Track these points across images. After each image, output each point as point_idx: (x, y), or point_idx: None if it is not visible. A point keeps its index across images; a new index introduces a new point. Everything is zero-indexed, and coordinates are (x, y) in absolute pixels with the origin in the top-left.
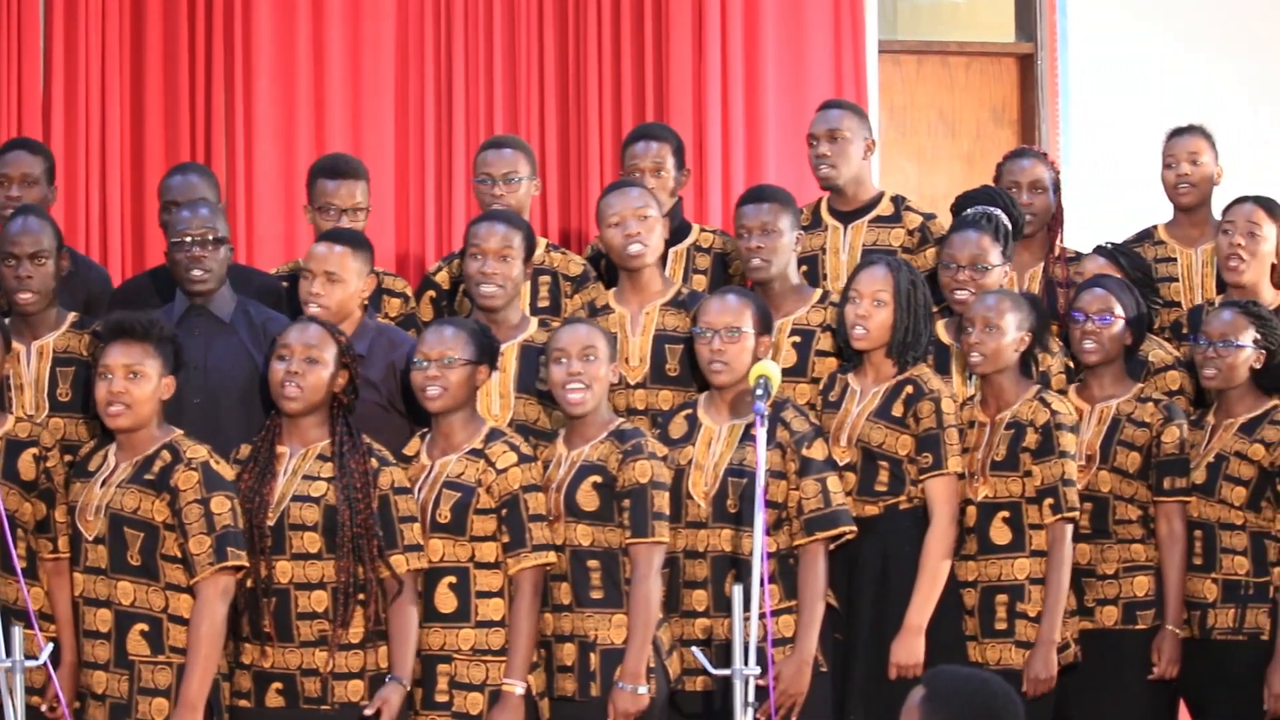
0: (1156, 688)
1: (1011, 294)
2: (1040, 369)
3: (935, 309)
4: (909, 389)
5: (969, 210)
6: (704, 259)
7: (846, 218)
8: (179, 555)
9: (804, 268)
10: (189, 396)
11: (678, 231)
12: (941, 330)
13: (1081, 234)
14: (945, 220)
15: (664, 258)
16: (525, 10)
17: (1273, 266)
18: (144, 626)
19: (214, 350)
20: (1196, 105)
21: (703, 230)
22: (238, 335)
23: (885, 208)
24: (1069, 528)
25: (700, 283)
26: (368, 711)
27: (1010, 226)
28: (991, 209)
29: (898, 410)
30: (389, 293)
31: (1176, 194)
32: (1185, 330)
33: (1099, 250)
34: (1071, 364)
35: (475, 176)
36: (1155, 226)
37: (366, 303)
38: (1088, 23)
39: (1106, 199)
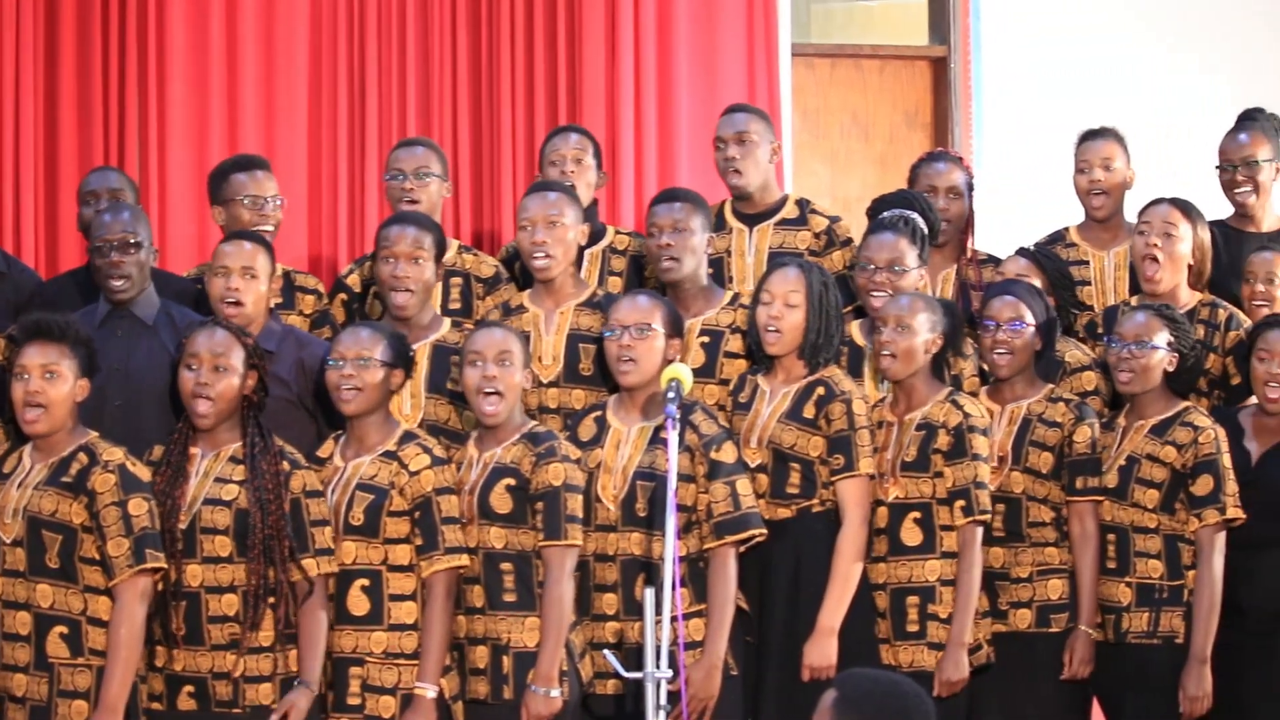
0: (1070, 690)
1: (925, 295)
2: (952, 372)
3: (848, 309)
4: (820, 390)
5: (886, 213)
6: (619, 261)
7: (752, 220)
8: (97, 558)
9: (710, 270)
10: (110, 398)
11: (593, 234)
12: (855, 331)
13: (994, 237)
14: (850, 222)
15: (580, 258)
16: (439, 12)
17: (1189, 268)
18: (63, 629)
19: (136, 352)
20: (1109, 107)
21: (618, 233)
22: (159, 338)
23: (790, 210)
24: (980, 530)
25: (615, 285)
26: (274, 717)
27: (926, 231)
28: (908, 212)
29: (809, 412)
30: (302, 290)
31: (1089, 200)
32: (1101, 331)
33: (1021, 252)
34: (986, 366)
35: (386, 174)
36: (1067, 229)
37: (272, 306)
38: (1001, 26)
39: (1019, 202)
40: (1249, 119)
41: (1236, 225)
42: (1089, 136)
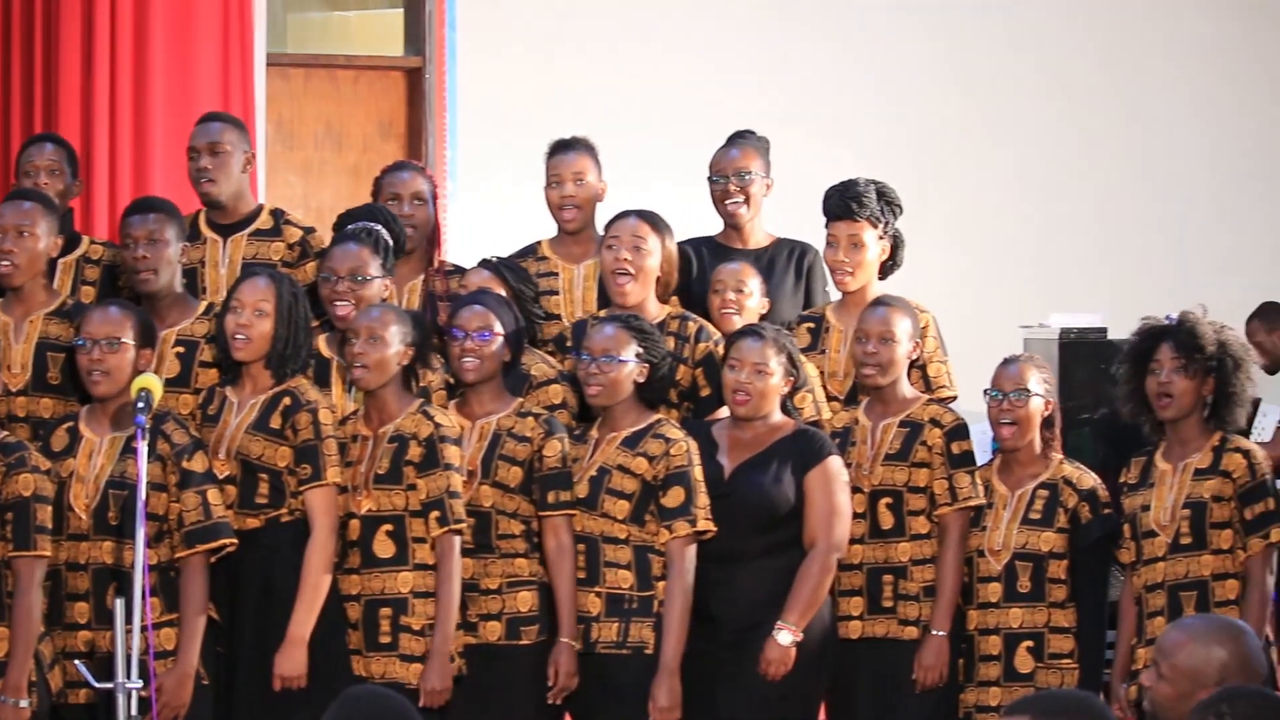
0: (543, 702)
1: (395, 307)
2: (421, 384)
3: (316, 323)
4: (287, 400)
5: (350, 225)
6: (93, 270)
7: (226, 231)
8: None
9: (184, 280)
10: None
11: (68, 242)
12: (322, 344)
13: (468, 249)
14: (325, 235)
15: (52, 267)
16: None
17: (658, 280)
18: None
19: None
20: (585, 119)
21: (92, 242)
22: None
23: (265, 221)
24: (457, 539)
25: (89, 294)
26: None
27: (391, 243)
28: (373, 224)
29: (276, 422)
30: None
31: (561, 214)
32: (570, 344)
33: (484, 263)
34: (452, 380)
35: None
36: (540, 242)
37: None
38: (477, 37)
39: (493, 213)
40: (740, 136)
41: (724, 242)
42: (559, 149)
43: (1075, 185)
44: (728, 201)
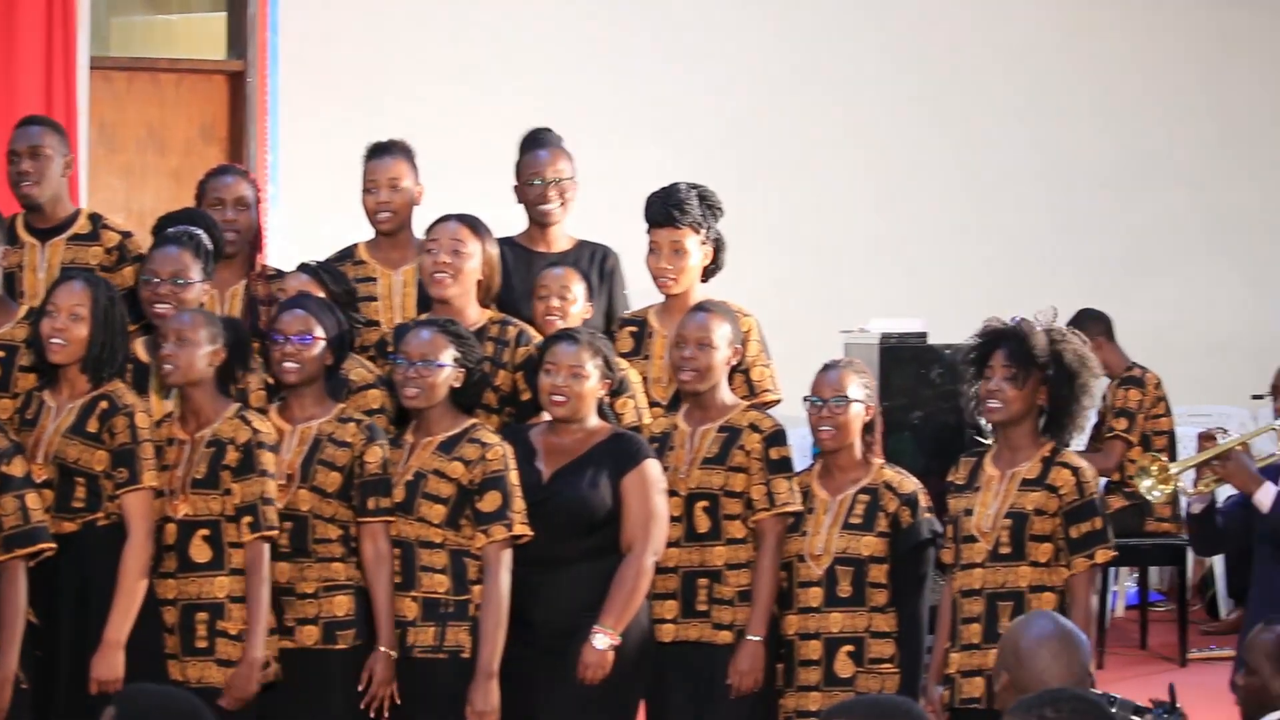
0: (358, 707)
1: (206, 311)
2: (239, 387)
3: (134, 327)
4: (104, 404)
5: (171, 229)
6: None
7: (44, 235)
8: None
9: (3, 285)
10: None
11: None
12: (140, 348)
13: (289, 252)
14: (143, 238)
15: None
16: None
17: (479, 283)
18: None
19: None
20: (406, 124)
21: None
22: None
23: (83, 225)
24: (267, 546)
25: None
26: None
27: (211, 247)
28: (193, 229)
29: (93, 426)
30: None
31: (376, 219)
32: (390, 349)
33: (303, 267)
34: (271, 381)
35: None
36: (356, 245)
37: None
38: (299, 42)
39: (315, 217)
40: (542, 138)
41: (526, 244)
42: (375, 153)
43: (898, 190)
44: (544, 205)
